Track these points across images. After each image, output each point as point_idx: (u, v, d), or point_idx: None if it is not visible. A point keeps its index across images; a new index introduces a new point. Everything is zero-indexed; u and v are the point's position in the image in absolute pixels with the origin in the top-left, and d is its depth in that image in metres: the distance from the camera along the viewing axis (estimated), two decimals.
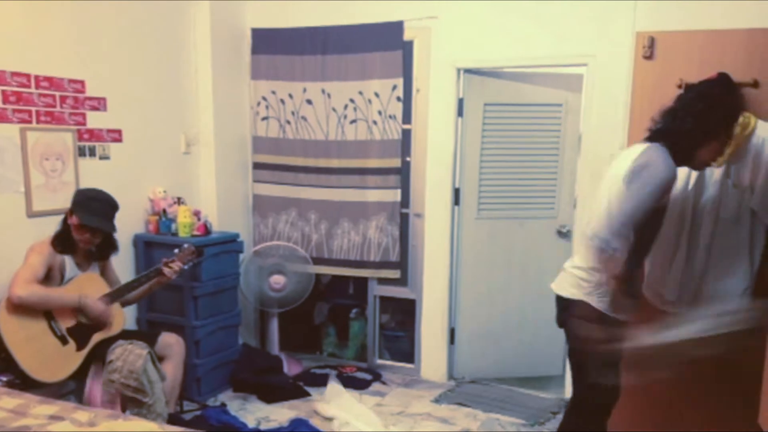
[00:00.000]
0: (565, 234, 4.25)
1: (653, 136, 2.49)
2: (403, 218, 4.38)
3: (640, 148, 2.46)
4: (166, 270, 3.21)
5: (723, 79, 2.89)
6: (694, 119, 2.40)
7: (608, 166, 2.63)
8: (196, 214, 4.06)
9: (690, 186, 2.96)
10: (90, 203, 3.01)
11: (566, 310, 2.62)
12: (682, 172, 2.94)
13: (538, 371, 4.45)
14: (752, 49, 2.96)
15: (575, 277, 2.57)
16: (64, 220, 3.05)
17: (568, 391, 3.99)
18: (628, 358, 2.62)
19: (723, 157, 2.86)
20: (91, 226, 2.99)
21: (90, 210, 2.99)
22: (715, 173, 2.93)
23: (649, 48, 3.14)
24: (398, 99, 4.21)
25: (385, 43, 4.17)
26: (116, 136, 3.81)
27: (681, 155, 2.44)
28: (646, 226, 2.43)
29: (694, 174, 2.94)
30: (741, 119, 2.86)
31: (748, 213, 2.93)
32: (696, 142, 2.42)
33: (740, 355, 2.71)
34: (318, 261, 4.53)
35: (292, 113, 4.49)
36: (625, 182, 2.38)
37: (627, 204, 2.34)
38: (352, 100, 4.33)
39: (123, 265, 3.71)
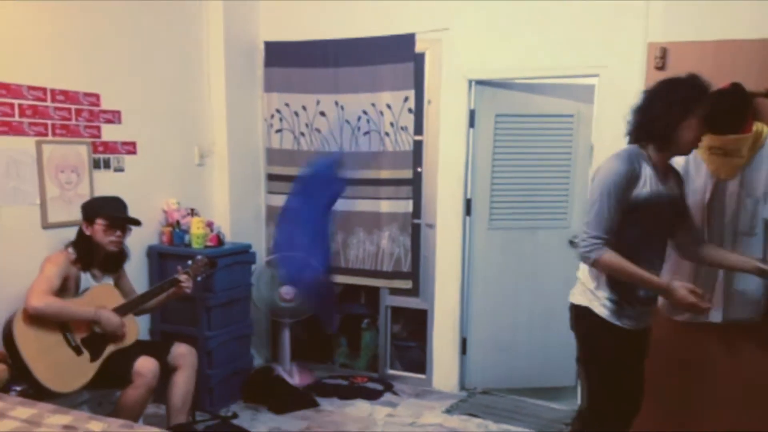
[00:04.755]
0: (577, 244, 4.22)
1: (632, 137, 2.50)
2: (414, 229, 4.39)
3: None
4: (183, 283, 3.24)
5: (735, 86, 2.88)
6: (662, 101, 2.38)
7: None
8: (209, 225, 4.09)
9: (706, 200, 2.94)
10: (110, 203, 3.11)
11: (574, 316, 2.64)
12: (698, 184, 2.93)
13: (551, 382, 4.42)
14: (765, 60, 2.95)
15: (580, 284, 2.61)
16: (81, 235, 3.07)
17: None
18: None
19: (730, 170, 2.86)
20: (123, 218, 3.08)
21: (114, 209, 3.09)
22: (730, 187, 2.92)
23: (662, 59, 3.13)
24: (410, 111, 4.23)
25: (397, 56, 4.19)
26: (130, 148, 3.85)
27: (663, 143, 2.42)
28: (624, 228, 2.42)
29: (710, 188, 2.92)
30: (754, 129, 2.85)
31: (762, 224, 2.91)
32: (671, 122, 2.37)
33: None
34: (335, 270, 4.54)
35: (306, 125, 4.52)
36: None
37: (590, 209, 2.42)
38: (365, 112, 4.35)
39: (137, 276, 3.74)
